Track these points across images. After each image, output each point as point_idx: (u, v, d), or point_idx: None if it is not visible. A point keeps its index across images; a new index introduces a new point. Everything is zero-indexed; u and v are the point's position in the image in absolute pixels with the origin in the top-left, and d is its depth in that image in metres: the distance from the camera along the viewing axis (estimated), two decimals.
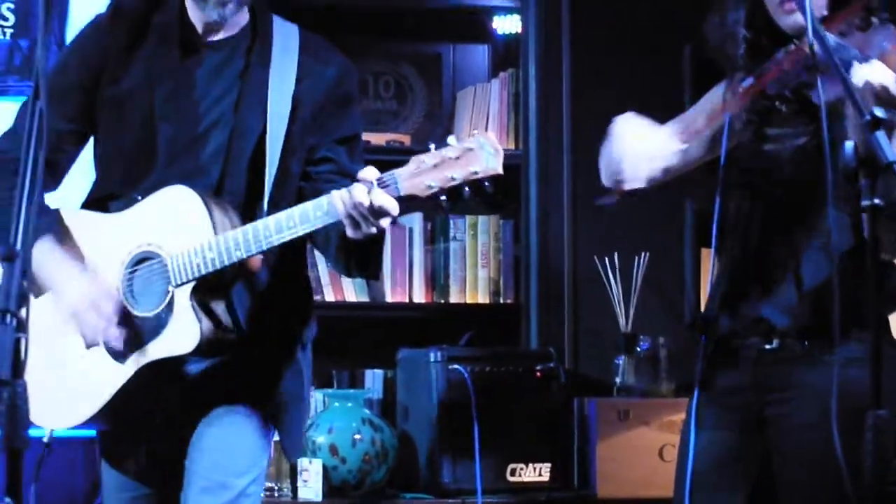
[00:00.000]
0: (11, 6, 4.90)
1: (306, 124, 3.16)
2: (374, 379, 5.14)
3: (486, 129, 5.31)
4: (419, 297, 5.23)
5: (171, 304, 3.01)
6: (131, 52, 3.19)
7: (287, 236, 2.93)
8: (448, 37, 5.64)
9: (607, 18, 5.26)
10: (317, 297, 5.09)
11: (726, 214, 3.20)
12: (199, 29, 3.19)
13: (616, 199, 3.28)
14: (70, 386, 3.12)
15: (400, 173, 2.85)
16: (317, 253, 5.04)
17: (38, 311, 3.06)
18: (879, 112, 2.48)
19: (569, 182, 5.18)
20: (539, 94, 5.20)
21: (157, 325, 3.03)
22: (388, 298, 5.22)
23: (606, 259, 5.06)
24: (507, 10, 5.40)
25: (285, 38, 3.21)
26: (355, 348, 5.17)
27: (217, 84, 3.18)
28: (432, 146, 2.85)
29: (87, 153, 3.31)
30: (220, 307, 3.04)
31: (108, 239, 3.13)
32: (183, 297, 3.00)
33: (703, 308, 3.34)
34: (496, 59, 5.60)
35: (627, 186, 3.17)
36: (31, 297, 2.96)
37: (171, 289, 3.01)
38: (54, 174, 3.26)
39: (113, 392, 3.07)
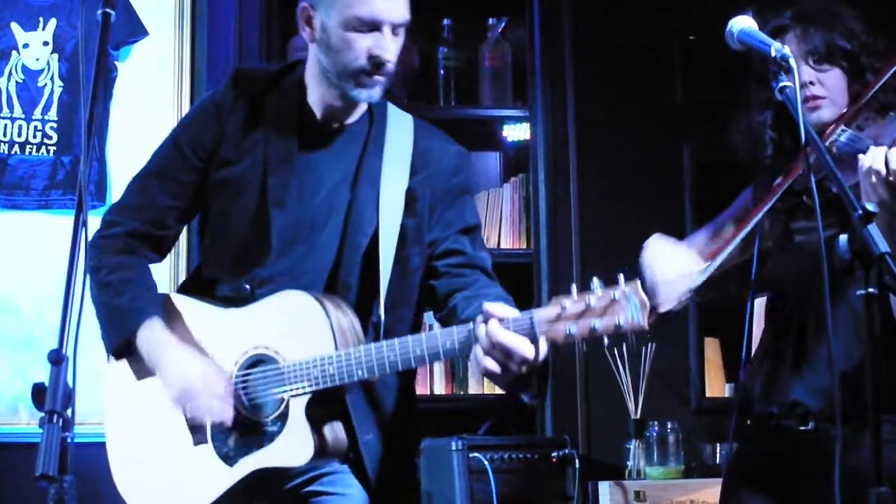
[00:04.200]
0: (54, 125, 4.92)
1: (425, 217, 2.95)
2: None
3: (500, 230, 5.32)
4: (440, 388, 5.22)
5: (285, 414, 2.78)
6: (247, 133, 2.98)
7: (411, 364, 2.68)
8: (462, 145, 5.64)
9: (610, 125, 5.28)
10: None
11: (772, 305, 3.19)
12: (319, 114, 2.98)
13: (653, 321, 3.22)
14: (174, 482, 2.90)
15: (540, 316, 2.56)
16: None
17: (144, 395, 2.94)
18: (870, 206, 2.47)
19: (577, 279, 5.17)
20: (548, 197, 5.20)
21: (269, 432, 2.80)
22: None
23: (615, 350, 5.04)
24: (516, 119, 5.43)
25: (400, 126, 3.03)
26: None
27: (333, 173, 2.96)
28: (574, 288, 2.53)
29: None
30: (337, 424, 2.81)
31: (223, 334, 2.90)
32: (298, 409, 2.76)
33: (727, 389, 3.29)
34: (507, 164, 5.63)
35: (663, 310, 3.05)
36: (136, 378, 2.92)
37: (286, 397, 2.78)
38: (158, 247, 3.06)
39: (218, 494, 2.85)
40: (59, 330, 2.33)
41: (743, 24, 2.83)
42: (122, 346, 2.92)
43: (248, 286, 2.91)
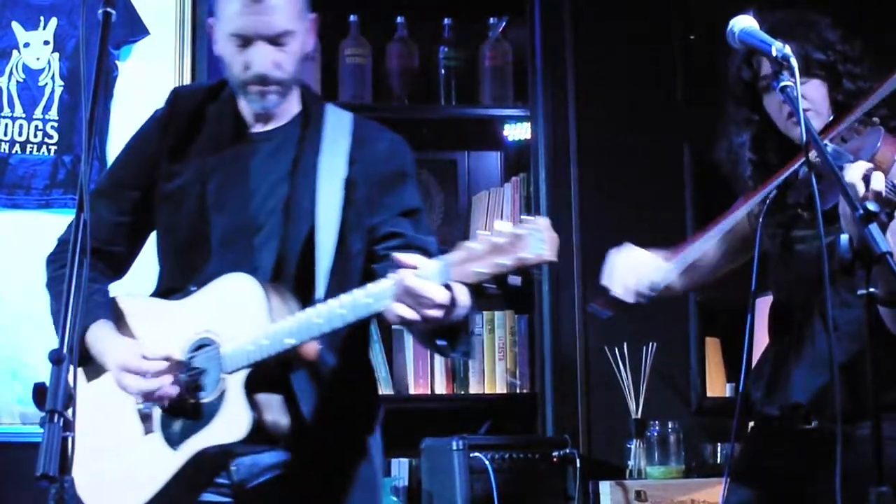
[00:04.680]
0: (55, 125, 4.92)
1: (363, 203, 3.03)
2: (399, 467, 5.11)
3: None
4: (441, 388, 5.21)
5: (224, 392, 2.84)
6: (187, 145, 3.10)
7: (338, 324, 2.72)
8: (463, 145, 5.66)
9: (611, 125, 5.28)
10: None
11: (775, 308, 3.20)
12: (249, 121, 3.11)
13: (609, 313, 3.26)
14: (123, 474, 2.96)
15: (449, 259, 2.57)
16: None
17: (95, 394, 3.01)
18: (871, 206, 2.47)
19: (579, 278, 5.17)
20: (549, 197, 5.20)
21: (209, 412, 2.86)
22: (412, 390, 5.19)
23: (616, 350, 5.04)
24: (517, 119, 5.43)
25: (338, 124, 3.10)
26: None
27: (269, 173, 3.06)
28: (480, 232, 2.54)
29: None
30: (276, 398, 2.84)
31: (168, 325, 2.98)
32: (235, 386, 2.82)
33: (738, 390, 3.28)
34: (508, 164, 5.62)
35: (621, 298, 3.19)
36: (86, 381, 3.00)
37: (223, 376, 2.84)
38: (114, 265, 3.17)
39: (165, 480, 2.90)
40: (58, 330, 2.33)
41: (744, 23, 2.84)
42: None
43: (194, 288, 2.99)
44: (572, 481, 4.77)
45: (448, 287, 2.60)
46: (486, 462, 4.62)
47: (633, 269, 3.12)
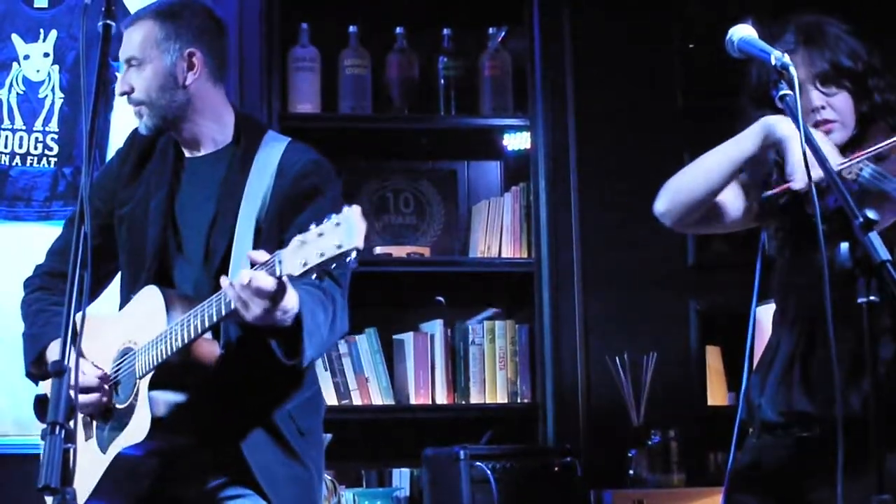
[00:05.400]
0: (55, 136, 4.93)
1: (275, 218, 3.19)
2: (401, 477, 5.11)
3: (501, 239, 5.32)
4: (442, 398, 5.20)
5: (136, 395, 3.07)
6: (138, 174, 3.39)
7: (207, 323, 2.92)
8: (462, 154, 5.66)
9: (611, 133, 5.28)
10: (344, 402, 5.08)
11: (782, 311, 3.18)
12: (183, 147, 3.36)
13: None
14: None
15: (280, 254, 2.75)
16: (343, 360, 5.10)
17: None
18: (871, 214, 2.47)
19: (579, 287, 5.18)
20: (549, 206, 5.20)
21: (127, 416, 3.09)
22: (413, 400, 5.19)
23: (617, 358, 5.04)
24: (516, 129, 5.42)
25: (271, 147, 3.30)
26: (383, 448, 5.14)
27: (199, 191, 3.29)
28: (313, 226, 2.69)
29: None
30: (178, 396, 3.04)
31: (105, 337, 3.22)
32: (143, 389, 3.04)
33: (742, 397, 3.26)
34: (508, 174, 5.62)
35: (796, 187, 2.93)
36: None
37: (136, 381, 3.08)
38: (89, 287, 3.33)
39: (95, 482, 3.13)
40: (59, 342, 2.34)
41: (743, 32, 2.83)
42: (33, 367, 3.33)
43: (132, 298, 3.24)
44: (573, 490, 4.77)
45: (280, 280, 2.78)
46: (488, 471, 4.61)
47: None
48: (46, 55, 4.96)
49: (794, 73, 2.70)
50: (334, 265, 2.67)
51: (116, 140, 4.87)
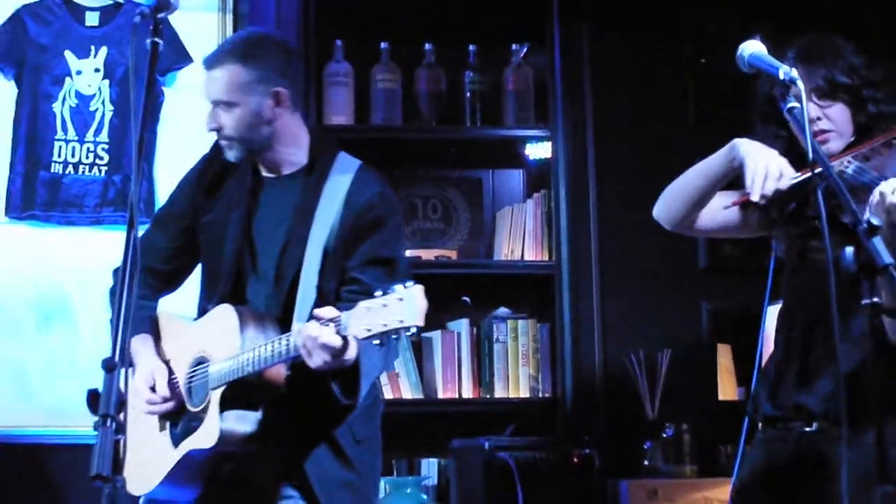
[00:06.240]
0: (106, 147, 4.95)
1: (340, 247, 3.22)
2: (429, 467, 5.11)
3: (523, 243, 5.32)
4: (468, 392, 5.20)
5: (208, 404, 3.14)
6: (220, 186, 3.39)
7: (276, 358, 3.01)
8: (487, 163, 5.65)
9: (627, 144, 5.28)
10: None
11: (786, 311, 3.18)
12: (262, 168, 3.37)
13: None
14: (142, 463, 3.23)
15: (348, 315, 2.84)
16: None
17: (132, 394, 3.24)
18: (875, 220, 2.46)
19: (597, 288, 5.17)
20: (568, 212, 5.19)
21: (198, 420, 3.16)
22: (440, 395, 5.18)
23: (633, 356, 5.04)
24: (538, 139, 5.41)
25: (342, 172, 3.30)
26: (412, 440, 5.14)
27: (274, 212, 3.31)
28: (378, 292, 2.79)
29: None
30: (246, 411, 3.11)
31: (183, 342, 3.30)
32: (215, 400, 3.11)
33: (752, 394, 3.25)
34: (530, 182, 5.61)
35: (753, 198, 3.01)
36: (132, 379, 3.28)
37: (209, 391, 3.14)
38: (169, 281, 3.50)
39: (164, 474, 3.21)
40: (111, 339, 2.35)
41: (753, 48, 2.83)
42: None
43: (209, 307, 3.28)
44: (592, 480, 4.76)
45: (345, 339, 2.88)
46: (511, 462, 4.61)
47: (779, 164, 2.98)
48: (97, 70, 4.98)
49: (802, 86, 2.70)
50: (395, 336, 2.79)
51: (163, 150, 4.91)
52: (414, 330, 2.76)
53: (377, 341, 2.81)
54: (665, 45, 5.34)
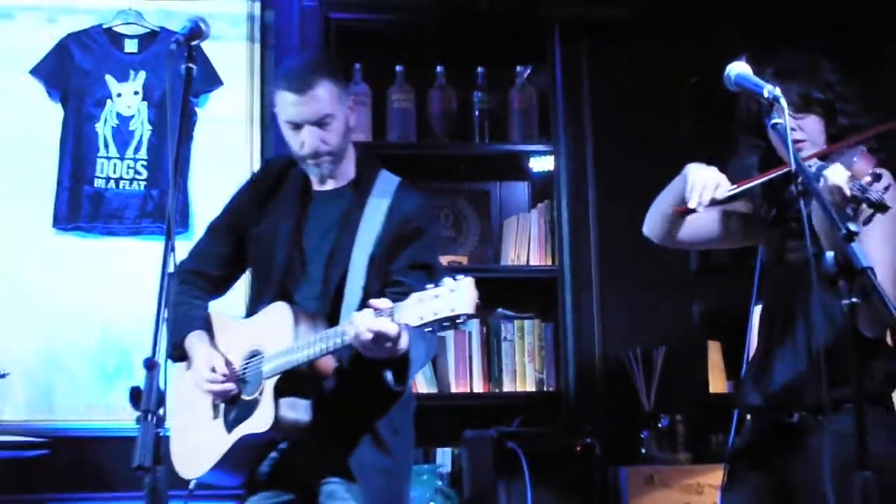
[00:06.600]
0: (144, 163, 4.95)
1: (384, 254, 3.24)
2: (443, 456, 5.10)
3: (528, 249, 5.32)
4: (478, 387, 5.20)
5: (262, 392, 3.13)
6: (271, 199, 3.41)
7: (324, 351, 3.02)
8: (495, 176, 5.66)
9: (624, 157, 5.27)
10: None
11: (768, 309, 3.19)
12: (313, 181, 3.38)
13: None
14: (196, 447, 3.28)
15: (401, 305, 2.84)
16: None
17: (187, 384, 3.32)
18: (853, 227, 2.47)
19: (597, 291, 5.17)
20: (570, 221, 5.19)
21: (252, 407, 3.16)
22: (453, 389, 5.19)
23: (630, 353, 5.03)
24: (542, 153, 5.42)
25: (384, 188, 3.34)
26: (427, 430, 5.11)
27: (323, 223, 3.33)
28: (430, 285, 2.79)
29: None
30: (298, 399, 3.11)
31: (236, 337, 3.30)
32: (269, 388, 3.11)
33: (739, 387, 3.27)
34: (534, 193, 5.61)
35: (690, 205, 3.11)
36: (186, 370, 3.34)
37: (263, 380, 3.14)
38: (219, 286, 3.52)
39: (219, 457, 3.21)
40: (151, 340, 2.35)
41: (739, 69, 2.84)
42: (175, 349, 3.35)
43: (261, 307, 3.29)
44: (593, 467, 4.75)
45: (400, 327, 2.89)
46: (519, 451, 4.60)
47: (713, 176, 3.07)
48: (136, 93, 4.99)
49: (784, 104, 2.71)
50: (447, 324, 2.76)
51: (197, 166, 4.91)
52: (464, 318, 2.73)
53: (429, 329, 2.79)
54: (660, 65, 5.33)
